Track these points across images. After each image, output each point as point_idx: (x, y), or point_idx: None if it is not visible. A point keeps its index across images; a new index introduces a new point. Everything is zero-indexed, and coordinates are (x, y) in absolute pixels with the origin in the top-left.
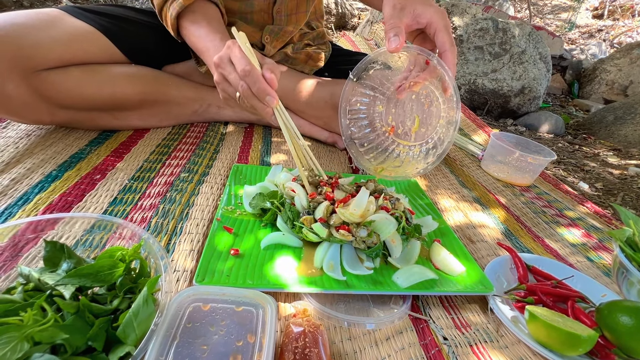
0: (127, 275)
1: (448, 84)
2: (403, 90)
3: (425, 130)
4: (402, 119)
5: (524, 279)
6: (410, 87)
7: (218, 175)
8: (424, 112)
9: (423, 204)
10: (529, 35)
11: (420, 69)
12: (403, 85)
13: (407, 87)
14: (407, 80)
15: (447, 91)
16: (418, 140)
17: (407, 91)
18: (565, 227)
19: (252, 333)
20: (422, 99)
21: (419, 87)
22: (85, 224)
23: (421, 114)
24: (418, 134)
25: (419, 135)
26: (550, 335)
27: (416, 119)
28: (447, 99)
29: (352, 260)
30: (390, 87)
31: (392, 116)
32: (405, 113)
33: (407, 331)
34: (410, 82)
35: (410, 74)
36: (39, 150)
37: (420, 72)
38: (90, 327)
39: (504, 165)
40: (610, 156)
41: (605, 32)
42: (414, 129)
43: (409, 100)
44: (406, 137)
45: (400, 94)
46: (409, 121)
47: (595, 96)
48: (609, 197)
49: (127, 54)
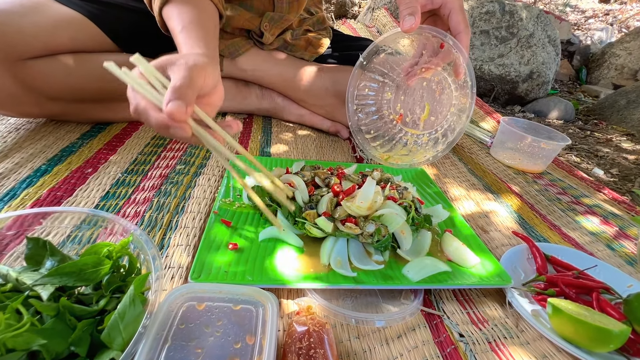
0: (116, 273)
1: (461, 66)
2: (413, 77)
3: (435, 119)
4: (411, 106)
5: (543, 270)
6: (420, 73)
7: (216, 167)
8: (435, 99)
9: (432, 193)
10: (537, 18)
11: (432, 54)
12: (413, 71)
13: (418, 73)
14: (417, 66)
15: (459, 75)
16: (427, 129)
17: (417, 77)
18: (582, 214)
19: (252, 334)
20: (434, 86)
21: (431, 73)
22: (75, 219)
23: (432, 101)
24: (427, 122)
25: (427, 124)
26: (577, 330)
27: (426, 106)
28: (461, 84)
29: (360, 255)
30: (401, 73)
31: (400, 104)
32: (415, 101)
33: (419, 328)
34: (421, 67)
35: (420, 59)
36: (28, 144)
37: (432, 56)
38: (72, 331)
39: (515, 151)
40: (624, 141)
41: (612, 17)
42: (423, 117)
43: (419, 88)
44: (414, 125)
45: (410, 80)
46: (418, 109)
47: (604, 82)
48: (625, 183)
49: (117, 43)
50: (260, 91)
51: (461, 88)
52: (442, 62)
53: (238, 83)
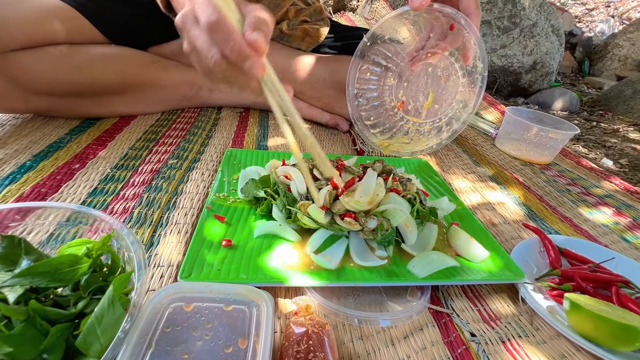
0: (96, 273)
1: (471, 49)
2: (418, 62)
3: (439, 107)
4: (414, 94)
5: (557, 263)
6: (426, 58)
7: (210, 162)
8: (440, 86)
9: (436, 185)
10: (540, 7)
11: (440, 37)
12: (418, 56)
13: (423, 58)
14: (423, 50)
15: (469, 59)
16: (430, 118)
17: (422, 63)
18: (594, 205)
19: (244, 337)
20: (439, 72)
21: (437, 58)
22: (59, 215)
23: (436, 88)
24: (430, 110)
25: (431, 112)
26: (599, 327)
27: (430, 94)
28: (469, 70)
29: (362, 251)
30: (405, 58)
31: (403, 90)
32: (419, 88)
33: (427, 327)
34: (427, 52)
35: (427, 42)
36: (13, 140)
37: (440, 40)
38: (44, 337)
39: (521, 142)
40: (632, 131)
41: (613, 9)
42: (426, 105)
43: (423, 74)
44: (417, 113)
45: (414, 65)
46: (421, 96)
47: (607, 73)
48: (636, 173)
49: (106, 34)
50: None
51: (469, 74)
52: (450, 47)
53: None
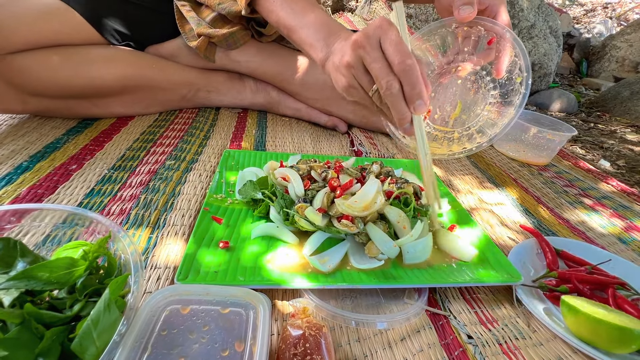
0: (92, 275)
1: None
2: (447, 74)
3: (466, 117)
4: (441, 103)
5: (554, 265)
6: (455, 72)
7: (208, 162)
8: (469, 97)
9: None
10: (539, 8)
11: (472, 50)
12: (448, 69)
13: (452, 71)
14: (454, 63)
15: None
16: (457, 127)
17: (451, 76)
18: (591, 207)
19: (241, 340)
20: (469, 84)
21: (467, 71)
22: (56, 217)
23: (464, 99)
24: (458, 120)
25: (458, 122)
26: (596, 330)
27: (458, 104)
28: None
29: (360, 252)
30: (435, 70)
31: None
32: (447, 98)
33: (425, 329)
34: (457, 65)
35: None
36: (10, 140)
37: (472, 53)
38: (39, 340)
39: (519, 143)
40: (629, 133)
41: (611, 10)
42: (453, 115)
43: (452, 85)
44: (443, 122)
45: (443, 78)
46: (449, 106)
47: (605, 74)
48: (633, 175)
49: (104, 35)
50: (255, 85)
51: (502, 86)
52: (483, 62)
53: (232, 76)
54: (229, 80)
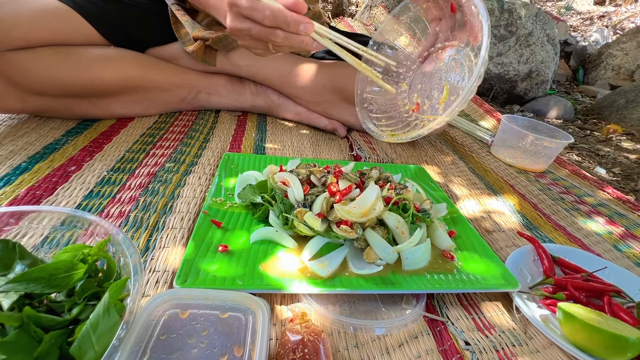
0: (92, 278)
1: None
2: (431, 61)
3: (455, 98)
4: (428, 93)
5: (551, 272)
6: (437, 55)
7: (207, 165)
8: (454, 77)
9: (433, 192)
10: (536, 16)
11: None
12: (429, 55)
13: (434, 55)
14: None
15: (477, 36)
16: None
17: (435, 60)
18: (587, 214)
19: (240, 344)
20: (452, 62)
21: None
22: (54, 219)
23: (451, 80)
24: (447, 104)
25: (447, 105)
26: (592, 338)
27: (445, 88)
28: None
29: (358, 257)
30: (416, 61)
31: (417, 93)
32: (433, 84)
33: (422, 335)
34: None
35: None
36: (9, 141)
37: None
38: (38, 344)
39: (516, 150)
40: (624, 140)
41: (607, 18)
42: (442, 100)
43: (436, 70)
44: (433, 110)
45: (427, 65)
46: (436, 92)
47: (601, 82)
48: (628, 182)
49: (105, 35)
50: (255, 88)
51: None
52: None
53: (232, 79)
54: (229, 83)
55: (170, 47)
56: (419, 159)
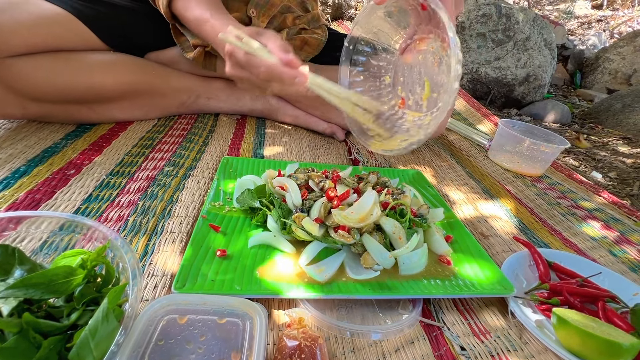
0: (91, 283)
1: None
2: (409, 52)
3: (437, 94)
4: (411, 87)
5: (546, 277)
6: (415, 46)
7: (206, 169)
8: (434, 72)
9: (430, 196)
10: (534, 21)
11: (426, 22)
12: (408, 47)
13: (413, 47)
14: (411, 40)
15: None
16: (430, 108)
17: (413, 52)
18: (583, 219)
19: (237, 350)
20: (430, 57)
21: (426, 43)
22: (52, 224)
23: (430, 76)
24: (430, 100)
25: (431, 102)
26: (585, 343)
27: (426, 83)
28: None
29: (356, 262)
30: (395, 53)
31: (401, 86)
32: (414, 78)
33: (418, 340)
34: (415, 40)
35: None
36: (8, 144)
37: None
38: (37, 350)
39: (513, 154)
40: (621, 145)
41: (605, 22)
42: (424, 96)
43: (416, 63)
44: (418, 107)
45: (406, 56)
46: (418, 87)
47: (598, 86)
48: (624, 187)
49: (105, 41)
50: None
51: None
52: (435, 29)
53: (231, 84)
54: (228, 87)
55: (170, 52)
56: (417, 162)
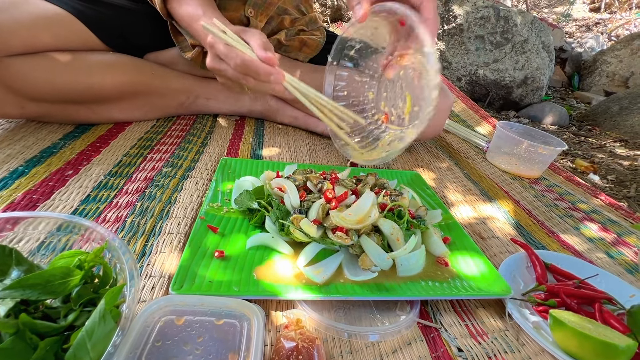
0: (88, 284)
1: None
2: (391, 68)
3: (418, 108)
4: (394, 102)
5: (543, 279)
6: (397, 62)
7: (204, 170)
8: (415, 87)
9: (428, 197)
10: (532, 24)
11: (405, 38)
12: (389, 62)
13: (394, 63)
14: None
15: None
16: (412, 122)
17: (395, 67)
18: (580, 221)
19: (235, 351)
20: (410, 72)
21: (407, 59)
22: (50, 225)
23: (412, 90)
24: (412, 114)
25: (413, 116)
26: (582, 344)
27: (407, 97)
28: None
29: (354, 264)
30: (378, 68)
31: (384, 101)
32: (396, 93)
33: (416, 342)
34: (396, 55)
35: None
36: (6, 145)
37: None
38: (33, 351)
39: (511, 156)
40: (618, 147)
41: (602, 25)
42: (406, 110)
43: (397, 79)
44: (400, 121)
45: (388, 71)
46: (400, 102)
47: (596, 88)
48: (621, 189)
49: (104, 41)
50: (253, 92)
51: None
52: (412, 44)
53: None
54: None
55: (169, 52)
56: (415, 164)
